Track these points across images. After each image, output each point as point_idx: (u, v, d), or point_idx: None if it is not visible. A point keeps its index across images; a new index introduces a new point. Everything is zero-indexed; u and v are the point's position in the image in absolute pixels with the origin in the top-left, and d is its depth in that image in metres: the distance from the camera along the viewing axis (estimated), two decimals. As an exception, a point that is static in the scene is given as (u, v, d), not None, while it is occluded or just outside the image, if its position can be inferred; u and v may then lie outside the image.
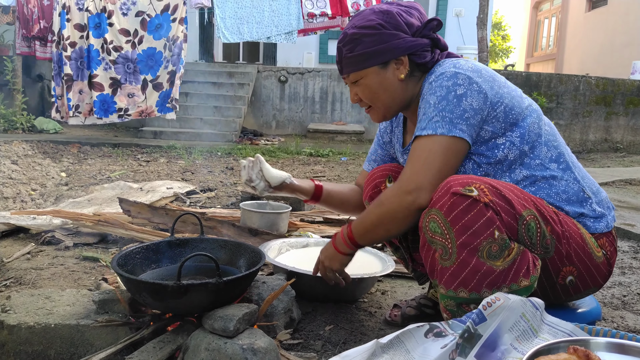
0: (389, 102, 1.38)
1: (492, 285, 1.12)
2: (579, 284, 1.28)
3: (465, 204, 1.12)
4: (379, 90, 1.36)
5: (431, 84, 1.29)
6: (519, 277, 1.13)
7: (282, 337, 1.43)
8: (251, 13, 6.23)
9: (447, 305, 1.18)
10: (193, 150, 5.89)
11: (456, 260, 1.13)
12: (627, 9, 11.62)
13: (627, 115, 8.36)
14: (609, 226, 1.32)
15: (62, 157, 5.39)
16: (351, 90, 1.42)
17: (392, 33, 1.31)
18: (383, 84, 1.35)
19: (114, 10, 6.11)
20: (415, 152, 1.25)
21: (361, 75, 1.36)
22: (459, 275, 1.13)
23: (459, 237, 1.12)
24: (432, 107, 1.25)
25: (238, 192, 3.61)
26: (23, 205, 3.20)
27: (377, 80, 1.35)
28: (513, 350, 1.02)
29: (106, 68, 6.18)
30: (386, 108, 1.40)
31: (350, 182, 4.56)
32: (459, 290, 1.14)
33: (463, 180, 1.15)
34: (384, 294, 1.88)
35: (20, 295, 1.48)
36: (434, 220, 1.16)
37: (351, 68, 1.36)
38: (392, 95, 1.37)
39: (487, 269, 1.11)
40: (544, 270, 1.23)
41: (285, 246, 2.01)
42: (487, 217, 1.11)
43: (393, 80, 1.35)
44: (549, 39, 16.45)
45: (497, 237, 1.11)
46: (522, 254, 1.14)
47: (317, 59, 10.21)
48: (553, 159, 1.30)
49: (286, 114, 8.68)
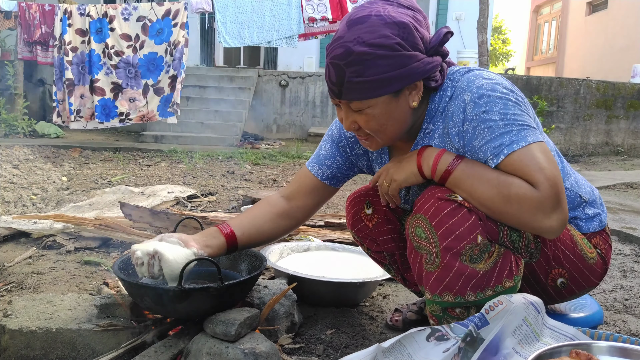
0: (396, 133, 1.19)
1: (476, 288, 1.11)
2: (571, 286, 1.27)
3: (449, 208, 1.11)
4: (387, 121, 1.15)
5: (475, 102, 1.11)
6: (503, 279, 1.12)
7: (283, 342, 1.43)
8: (252, 18, 6.24)
9: (432, 311, 1.17)
10: (194, 155, 5.89)
11: (440, 264, 1.12)
12: (627, 13, 11.65)
13: (627, 119, 8.36)
14: (602, 224, 1.31)
15: (64, 161, 5.40)
16: (347, 117, 1.18)
17: (411, 55, 1.10)
18: (393, 114, 1.15)
19: (115, 15, 6.14)
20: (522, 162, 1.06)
21: (369, 105, 1.13)
22: (443, 279, 1.12)
23: (443, 241, 1.11)
24: (501, 121, 1.09)
25: (239, 196, 3.61)
26: (24, 209, 3.20)
27: (386, 110, 1.14)
28: (515, 354, 1.02)
29: (107, 73, 6.20)
30: (390, 139, 1.21)
31: (351, 185, 4.55)
32: (444, 295, 1.13)
33: (446, 189, 1.15)
34: (386, 298, 1.88)
35: (22, 299, 1.48)
36: (419, 226, 1.15)
37: (356, 95, 1.12)
38: (401, 126, 1.18)
39: (471, 271, 1.10)
40: (532, 274, 1.23)
41: (287, 250, 2.01)
42: (471, 222, 1.10)
43: (405, 108, 1.15)
44: (549, 43, 16.48)
45: (480, 242, 1.10)
46: (504, 255, 1.13)
47: (317, 63, 10.24)
48: None
49: (287, 118, 8.69)
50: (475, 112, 1.11)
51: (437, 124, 1.21)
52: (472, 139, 1.12)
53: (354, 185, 4.58)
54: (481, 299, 1.11)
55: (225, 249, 1.35)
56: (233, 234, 1.36)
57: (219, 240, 1.34)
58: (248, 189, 4.06)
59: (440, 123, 1.20)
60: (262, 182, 4.45)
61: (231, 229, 1.36)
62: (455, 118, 1.16)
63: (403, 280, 1.56)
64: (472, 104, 1.12)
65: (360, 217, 1.48)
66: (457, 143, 1.17)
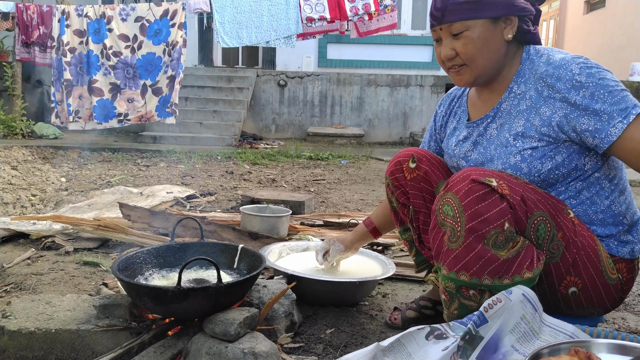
0: (487, 63, 1.27)
1: (494, 274, 1.13)
2: (581, 298, 1.26)
3: (482, 191, 1.13)
4: (483, 47, 1.24)
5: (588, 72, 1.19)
6: (523, 269, 1.14)
7: (283, 341, 1.43)
8: (250, 18, 6.24)
9: (446, 287, 1.19)
10: (193, 155, 5.89)
11: (462, 243, 1.14)
12: (624, 11, 11.65)
13: (626, 117, 8.36)
14: (632, 254, 1.29)
15: (62, 162, 5.40)
16: (445, 44, 1.28)
17: None
18: (489, 41, 1.24)
19: (113, 15, 6.13)
20: None
21: (468, 26, 1.23)
22: (462, 258, 1.14)
23: (469, 222, 1.13)
24: (617, 86, 1.18)
25: (238, 196, 3.61)
26: (23, 210, 3.20)
27: (484, 34, 1.23)
28: (514, 352, 1.02)
29: (106, 73, 6.20)
30: (482, 69, 1.28)
31: (350, 184, 4.56)
32: (460, 274, 1.15)
33: (483, 172, 1.17)
34: (385, 297, 1.88)
35: (21, 300, 1.48)
36: (448, 204, 1.17)
37: (459, 16, 1.22)
38: (494, 56, 1.26)
39: (491, 256, 1.12)
40: (546, 276, 1.23)
41: (286, 250, 2.01)
42: (501, 208, 1.12)
43: (500, 38, 1.25)
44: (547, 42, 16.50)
45: (506, 229, 1.12)
46: (527, 247, 1.15)
47: (316, 62, 10.23)
48: (609, 177, 1.28)
49: (285, 118, 8.69)
50: (592, 80, 1.17)
51: (529, 85, 1.28)
52: (590, 104, 1.18)
53: (353, 184, 4.58)
54: (497, 285, 1.13)
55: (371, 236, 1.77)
56: (373, 225, 1.75)
57: (362, 233, 1.77)
58: (247, 189, 4.05)
59: (532, 86, 1.27)
60: (261, 182, 4.45)
61: (371, 220, 1.76)
62: (560, 84, 1.21)
63: (418, 240, 1.57)
64: (585, 73, 1.18)
65: (401, 167, 1.53)
66: (545, 113, 1.23)
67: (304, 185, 4.37)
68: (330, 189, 4.30)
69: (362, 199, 3.87)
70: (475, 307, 1.16)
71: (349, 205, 3.57)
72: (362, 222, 1.79)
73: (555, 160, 1.24)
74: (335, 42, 9.97)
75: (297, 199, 3.03)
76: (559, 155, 1.24)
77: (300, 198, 3.06)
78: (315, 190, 4.14)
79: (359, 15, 6.25)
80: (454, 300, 1.19)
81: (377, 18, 6.29)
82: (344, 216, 2.88)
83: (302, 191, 4.06)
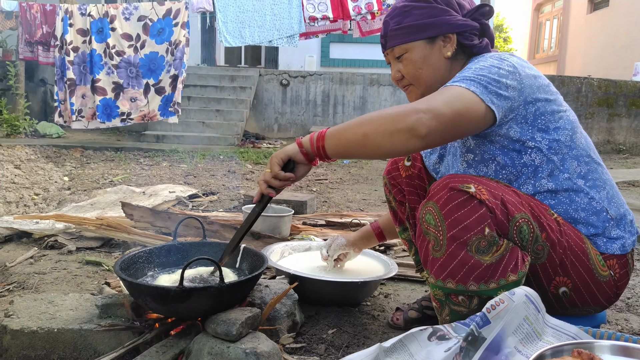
0: (431, 81, 1.33)
1: (479, 279, 1.13)
2: (574, 298, 1.25)
3: (461, 199, 1.13)
4: (423, 66, 1.32)
5: (474, 60, 1.27)
6: (507, 273, 1.14)
7: (285, 341, 1.43)
8: (253, 17, 6.24)
9: (436, 295, 1.21)
10: (195, 154, 5.90)
11: (446, 251, 1.15)
12: (628, 11, 11.61)
13: (629, 117, 8.34)
14: (623, 249, 1.27)
15: (65, 161, 5.41)
16: (393, 67, 1.39)
17: (443, 8, 1.30)
18: (428, 60, 1.32)
19: (116, 15, 6.14)
20: (443, 89, 1.18)
21: (406, 49, 1.33)
22: (447, 266, 1.15)
23: (450, 230, 1.14)
24: (471, 70, 1.20)
25: (240, 196, 3.62)
26: (26, 209, 3.20)
27: (422, 54, 1.32)
28: (517, 353, 1.02)
29: (109, 72, 6.21)
30: (426, 87, 1.34)
31: (353, 184, 4.55)
32: (447, 281, 1.16)
33: (462, 179, 1.17)
34: (387, 297, 1.88)
35: (23, 299, 1.48)
36: (429, 212, 1.18)
37: (397, 41, 1.33)
38: (436, 74, 1.33)
39: (475, 262, 1.13)
40: (534, 276, 1.22)
41: (288, 250, 2.01)
42: (480, 214, 1.12)
43: (439, 57, 1.32)
44: (551, 41, 16.45)
45: (487, 234, 1.12)
46: (512, 250, 1.15)
47: (318, 62, 10.23)
48: (582, 175, 1.27)
49: (288, 117, 8.69)
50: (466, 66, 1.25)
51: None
52: None
53: (355, 184, 4.58)
54: (484, 290, 1.13)
55: (376, 241, 1.81)
56: (379, 228, 1.78)
57: (367, 235, 1.80)
58: (249, 188, 4.06)
59: None
60: (263, 182, 4.45)
61: (377, 224, 1.79)
62: None
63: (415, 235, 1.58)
64: (470, 62, 1.28)
65: (397, 166, 1.58)
66: None
67: (306, 185, 4.37)
68: (332, 188, 4.30)
69: (365, 198, 3.87)
70: (465, 312, 1.16)
71: (351, 205, 3.57)
72: (369, 224, 1.82)
73: (497, 161, 1.27)
74: (338, 42, 9.97)
75: (300, 198, 3.03)
76: (499, 156, 1.26)
77: (303, 198, 3.06)
78: (318, 190, 4.14)
79: (361, 14, 6.24)
80: (445, 307, 1.19)
81: (380, 17, 6.28)
82: (346, 216, 2.88)
83: (305, 191, 4.06)
